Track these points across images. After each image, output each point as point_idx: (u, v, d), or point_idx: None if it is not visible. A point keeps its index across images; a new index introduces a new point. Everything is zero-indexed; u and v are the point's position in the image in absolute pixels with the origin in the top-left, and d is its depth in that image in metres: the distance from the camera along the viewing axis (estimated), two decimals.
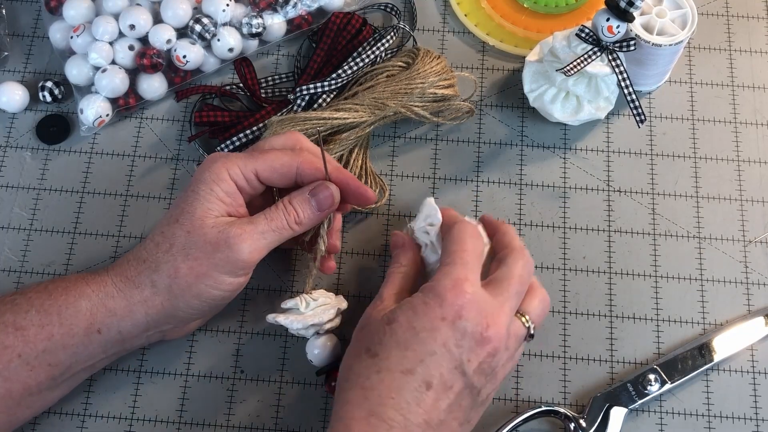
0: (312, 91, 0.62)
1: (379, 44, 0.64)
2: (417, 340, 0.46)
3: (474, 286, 0.47)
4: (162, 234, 0.50)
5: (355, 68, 0.63)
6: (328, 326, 0.54)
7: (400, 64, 0.63)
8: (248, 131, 0.62)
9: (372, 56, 0.64)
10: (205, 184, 0.50)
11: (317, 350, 0.54)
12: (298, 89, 0.62)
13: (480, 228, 0.53)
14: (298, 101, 0.62)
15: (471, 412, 0.48)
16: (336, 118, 0.60)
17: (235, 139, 0.61)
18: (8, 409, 0.49)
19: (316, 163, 0.52)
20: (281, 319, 0.53)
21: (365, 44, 0.64)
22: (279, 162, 0.52)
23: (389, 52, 0.66)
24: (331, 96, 0.63)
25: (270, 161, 0.51)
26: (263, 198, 0.55)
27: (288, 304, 0.54)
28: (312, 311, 0.53)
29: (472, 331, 0.46)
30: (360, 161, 0.62)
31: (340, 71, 0.63)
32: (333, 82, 0.62)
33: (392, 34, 0.65)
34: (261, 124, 0.62)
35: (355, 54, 0.64)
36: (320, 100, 0.63)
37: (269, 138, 0.55)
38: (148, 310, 0.50)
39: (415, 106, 0.61)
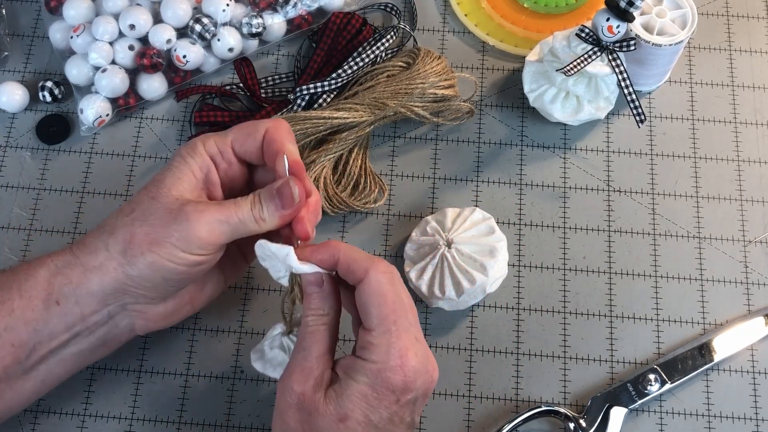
0: (312, 91, 0.62)
1: (379, 44, 0.64)
2: None
3: (417, 353, 0.45)
4: (128, 201, 0.50)
5: (355, 68, 0.63)
6: None
7: (400, 64, 0.63)
8: None
9: (372, 56, 0.64)
10: (179, 156, 0.50)
11: None
12: (298, 89, 0.62)
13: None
14: (298, 101, 0.62)
15: None
16: (336, 118, 0.60)
17: None
18: None
19: (279, 133, 0.51)
20: (258, 366, 0.51)
21: (365, 44, 0.64)
22: (250, 128, 0.51)
23: (389, 52, 0.66)
24: (331, 96, 0.63)
25: (241, 128, 0.51)
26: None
27: (265, 348, 0.52)
28: (288, 354, 0.51)
29: (423, 393, 0.46)
30: (360, 161, 0.62)
31: (340, 71, 0.63)
32: (333, 82, 0.62)
33: (392, 34, 0.65)
34: None
35: (355, 54, 0.64)
36: (320, 100, 0.63)
37: None
38: (102, 277, 0.48)
39: (415, 106, 0.61)
